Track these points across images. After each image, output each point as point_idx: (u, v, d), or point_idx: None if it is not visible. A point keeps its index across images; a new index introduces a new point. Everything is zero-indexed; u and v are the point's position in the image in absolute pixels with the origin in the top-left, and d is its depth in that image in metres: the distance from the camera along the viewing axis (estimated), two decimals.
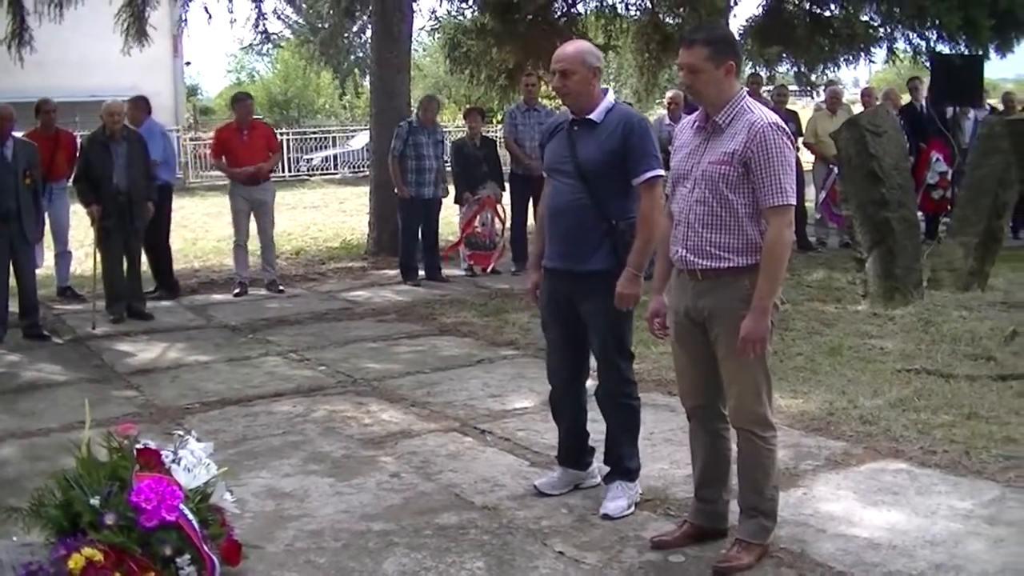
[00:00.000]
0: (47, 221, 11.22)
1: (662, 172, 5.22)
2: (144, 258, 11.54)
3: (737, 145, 4.54)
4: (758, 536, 4.74)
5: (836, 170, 14.21)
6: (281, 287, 12.71)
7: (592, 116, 5.34)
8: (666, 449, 6.25)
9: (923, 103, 15.44)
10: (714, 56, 4.60)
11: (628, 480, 5.50)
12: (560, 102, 6.77)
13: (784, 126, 4.58)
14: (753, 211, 4.56)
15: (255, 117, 13.46)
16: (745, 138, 4.53)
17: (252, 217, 12.62)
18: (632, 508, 5.39)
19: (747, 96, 4.68)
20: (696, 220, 4.65)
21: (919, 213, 13.13)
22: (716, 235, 4.60)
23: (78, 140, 12.31)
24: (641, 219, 5.23)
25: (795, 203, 4.56)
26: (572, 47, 5.46)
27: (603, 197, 5.30)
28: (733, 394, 4.71)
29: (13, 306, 10.17)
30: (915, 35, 18.94)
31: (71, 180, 11.54)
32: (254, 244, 12.86)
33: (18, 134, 10.25)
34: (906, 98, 16.03)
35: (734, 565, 4.65)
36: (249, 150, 12.40)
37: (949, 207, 14.07)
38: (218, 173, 30.38)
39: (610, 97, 5.42)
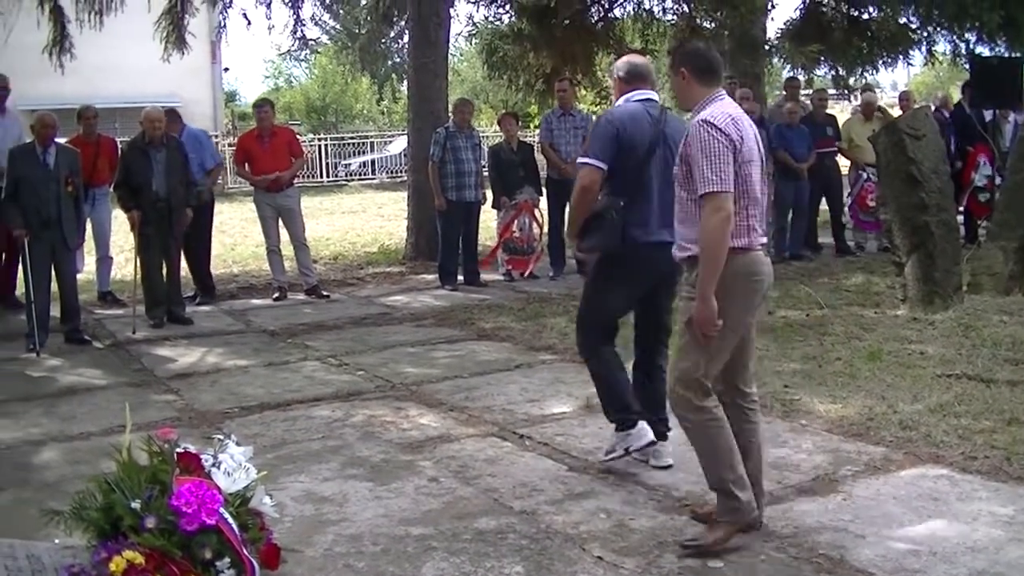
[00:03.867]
0: (89, 226, 11.30)
1: (586, 160, 5.88)
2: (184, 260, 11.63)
3: (682, 147, 4.91)
4: (724, 514, 4.93)
5: (865, 176, 14.20)
6: (325, 292, 12.72)
7: None
8: None
9: None
10: (673, 65, 5.18)
11: (616, 429, 6.10)
12: (595, 107, 7.46)
13: (714, 121, 4.79)
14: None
15: (292, 123, 13.61)
16: (685, 139, 4.90)
17: (281, 223, 12.66)
18: (614, 453, 6.06)
19: (714, 99, 4.96)
20: (675, 217, 5.09)
21: (962, 216, 13.09)
22: (684, 229, 4.98)
23: (119, 146, 12.41)
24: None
25: (722, 190, 4.72)
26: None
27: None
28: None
29: (54, 311, 10.26)
30: (954, 36, 18.82)
31: (112, 186, 11.64)
32: (289, 249, 12.89)
33: (60, 140, 10.33)
34: (948, 98, 15.94)
35: (700, 544, 4.88)
36: (271, 156, 12.43)
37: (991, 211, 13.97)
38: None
39: (620, 100, 6.01)
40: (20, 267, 10.40)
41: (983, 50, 18.04)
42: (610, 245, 5.90)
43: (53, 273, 10.04)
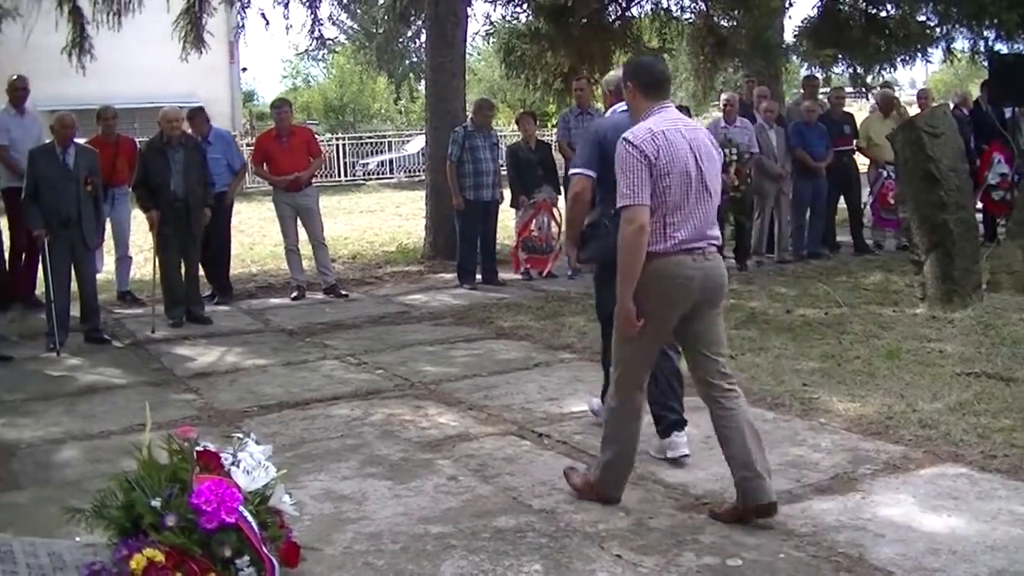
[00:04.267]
0: (108, 226, 11.34)
1: (575, 169, 6.15)
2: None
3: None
4: (598, 483, 5.53)
5: (885, 174, 14.15)
6: (344, 291, 12.74)
7: None
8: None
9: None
10: (623, 79, 5.53)
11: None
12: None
13: (631, 138, 5.07)
14: None
15: (310, 122, 13.63)
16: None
17: (299, 222, 12.69)
18: (592, 409, 6.99)
19: (652, 112, 5.23)
20: None
21: (980, 214, 13.02)
22: None
23: (138, 146, 12.45)
24: None
25: (635, 203, 5.00)
26: None
27: None
28: None
29: (74, 310, 10.30)
30: (973, 34, 18.75)
31: (131, 186, 11.68)
32: (307, 249, 12.92)
33: (80, 140, 10.37)
34: (967, 96, 15.90)
35: (568, 479, 5.72)
36: (289, 156, 12.44)
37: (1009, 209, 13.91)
38: None
39: (608, 112, 6.42)
40: (40, 267, 10.46)
41: (1002, 47, 17.97)
42: (607, 254, 6.05)
43: (73, 273, 10.08)
